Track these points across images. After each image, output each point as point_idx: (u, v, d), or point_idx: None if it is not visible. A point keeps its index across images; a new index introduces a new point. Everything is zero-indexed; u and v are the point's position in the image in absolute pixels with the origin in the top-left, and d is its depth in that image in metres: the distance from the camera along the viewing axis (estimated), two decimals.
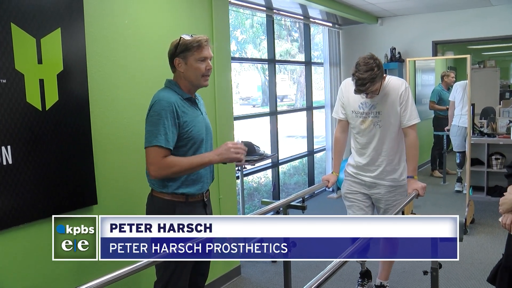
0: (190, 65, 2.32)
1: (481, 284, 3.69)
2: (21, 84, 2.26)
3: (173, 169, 2.25)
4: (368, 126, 3.06)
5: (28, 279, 2.38)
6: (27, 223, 2.34)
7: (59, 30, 2.43)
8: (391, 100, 2.99)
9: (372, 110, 3.03)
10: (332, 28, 6.72)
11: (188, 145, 2.34)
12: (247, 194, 7.39)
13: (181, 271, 2.39)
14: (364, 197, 3.24)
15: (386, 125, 3.03)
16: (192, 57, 2.31)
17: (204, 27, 3.51)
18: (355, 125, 3.14)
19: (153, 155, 2.23)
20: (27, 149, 2.31)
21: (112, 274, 1.71)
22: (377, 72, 2.83)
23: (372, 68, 2.82)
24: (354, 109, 3.10)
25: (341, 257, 1.81)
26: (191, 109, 2.37)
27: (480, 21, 6.35)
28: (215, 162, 2.33)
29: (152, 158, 2.23)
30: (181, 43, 2.31)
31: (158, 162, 2.23)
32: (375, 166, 3.11)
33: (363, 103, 3.05)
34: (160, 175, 2.26)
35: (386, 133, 3.04)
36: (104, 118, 2.74)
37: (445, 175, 6.48)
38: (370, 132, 3.07)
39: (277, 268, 4.14)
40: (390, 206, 3.13)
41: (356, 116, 3.10)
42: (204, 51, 2.33)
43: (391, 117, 3.01)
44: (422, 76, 6.76)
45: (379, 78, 2.86)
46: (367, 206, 3.26)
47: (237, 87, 9.46)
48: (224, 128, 3.75)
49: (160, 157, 2.22)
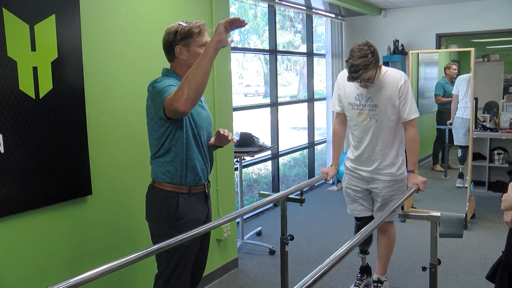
0: (194, 52, 2.25)
1: (480, 280, 3.66)
2: (13, 71, 2.21)
3: (190, 84, 2.03)
4: (365, 119, 3.01)
5: (21, 269, 2.35)
6: (19, 213, 2.31)
7: (53, 17, 2.37)
8: (388, 93, 2.94)
9: (369, 103, 2.97)
10: (335, 19, 6.65)
11: (186, 133, 2.27)
12: (247, 186, 7.37)
13: (184, 265, 2.35)
14: (365, 193, 3.21)
15: (382, 119, 2.98)
16: (194, 43, 2.25)
17: (204, 15, 3.45)
18: (351, 117, 3.09)
19: (169, 98, 2.09)
20: (19, 138, 2.26)
21: (108, 265, 1.68)
22: (371, 59, 2.77)
23: (366, 54, 2.76)
24: (350, 101, 3.05)
25: (340, 251, 1.77)
26: None
27: (484, 14, 6.28)
28: (214, 46, 2.05)
29: (168, 99, 2.08)
30: (181, 30, 2.25)
31: (172, 99, 2.06)
32: (371, 160, 3.07)
33: (359, 94, 3.00)
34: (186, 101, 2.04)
35: (382, 127, 2.99)
36: (99, 107, 2.70)
37: (447, 170, 6.44)
38: (367, 125, 3.01)
39: (275, 261, 4.12)
40: (388, 201, 3.09)
41: (352, 108, 3.05)
42: (205, 36, 2.29)
43: (388, 111, 2.96)
44: (425, 69, 6.69)
45: (373, 66, 2.80)
46: (367, 203, 3.23)
47: (240, 78, 9.41)
48: (223, 118, 3.71)
49: (170, 95, 2.09)
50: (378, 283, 3.38)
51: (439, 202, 5.60)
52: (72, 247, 2.59)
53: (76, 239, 2.61)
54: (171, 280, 2.34)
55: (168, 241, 1.93)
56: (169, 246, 1.93)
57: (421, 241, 4.54)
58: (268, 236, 4.82)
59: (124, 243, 2.89)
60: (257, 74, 10.25)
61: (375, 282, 3.39)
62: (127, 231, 2.91)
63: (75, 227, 2.61)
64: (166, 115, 2.15)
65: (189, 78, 2.04)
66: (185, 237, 1.99)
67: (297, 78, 10.66)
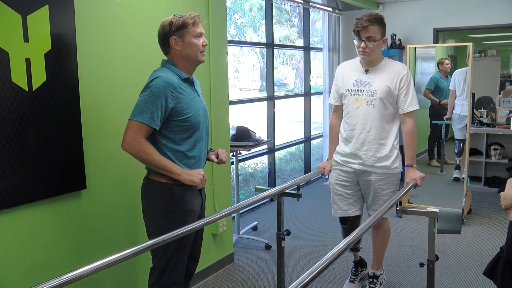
0: (188, 42, 2.30)
1: (476, 275, 3.66)
2: (5, 62, 2.16)
3: (143, 156, 2.22)
4: (361, 105, 2.97)
5: (14, 265, 2.32)
6: (12, 208, 2.27)
7: (46, 7, 2.32)
8: (389, 81, 2.92)
9: (367, 88, 2.95)
10: (332, 13, 6.61)
11: (184, 134, 2.32)
12: (243, 180, 7.35)
13: (179, 257, 2.37)
14: (355, 189, 3.15)
15: (379, 106, 2.94)
16: (189, 34, 2.30)
17: (200, 8, 3.41)
18: (347, 104, 3.05)
19: (133, 130, 2.20)
20: (12, 131, 2.22)
21: (103, 260, 1.67)
22: (378, 18, 2.89)
23: (374, 14, 2.91)
24: (348, 87, 3.03)
25: (336, 248, 1.75)
26: (188, 90, 2.34)
27: (482, 9, 6.27)
28: (180, 178, 2.28)
29: (131, 133, 2.20)
30: (176, 21, 2.28)
31: (134, 138, 2.19)
32: (363, 151, 3.01)
33: (357, 80, 2.99)
34: (129, 151, 2.23)
35: (377, 114, 2.94)
36: (94, 99, 2.66)
37: (443, 165, 6.43)
38: (362, 111, 2.97)
39: (270, 256, 4.10)
40: (379, 195, 3.05)
41: (349, 95, 3.02)
42: (199, 27, 2.34)
43: (385, 99, 2.92)
44: (422, 64, 6.68)
45: (379, 25, 2.88)
46: (355, 201, 3.16)
47: (235, 72, 9.37)
48: (220, 112, 3.67)
49: (139, 134, 2.19)
50: (373, 278, 3.36)
51: (436, 197, 5.60)
52: (66, 242, 2.56)
53: (70, 234, 2.58)
54: (165, 271, 2.36)
55: (163, 236, 1.91)
56: (165, 241, 1.91)
57: (417, 237, 4.53)
58: (264, 230, 4.80)
59: (119, 237, 2.86)
60: (253, 68, 10.21)
61: (370, 278, 3.38)
62: (122, 225, 2.88)
63: (69, 221, 2.57)
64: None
65: (146, 159, 2.23)
66: (181, 232, 1.98)
67: (293, 73, 10.63)
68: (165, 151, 2.29)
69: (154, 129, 2.22)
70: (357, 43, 2.92)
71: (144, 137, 2.21)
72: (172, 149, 2.30)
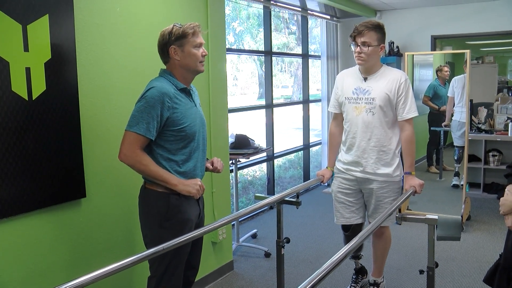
0: (188, 52, 2.30)
1: (476, 282, 3.65)
2: (5, 72, 2.16)
3: (140, 167, 2.24)
4: (360, 113, 2.99)
5: (13, 274, 2.31)
6: (11, 217, 2.26)
7: (46, 17, 2.34)
8: (388, 88, 2.93)
9: (366, 96, 2.97)
10: (330, 21, 6.64)
11: (180, 143, 2.32)
12: (242, 188, 7.34)
13: (176, 265, 2.37)
14: (357, 196, 3.16)
15: (379, 113, 2.95)
16: (189, 44, 2.30)
17: (199, 17, 3.43)
18: (347, 112, 3.07)
19: (129, 141, 2.21)
20: (12, 140, 2.22)
21: (102, 270, 1.66)
22: (376, 25, 2.90)
23: (373, 21, 2.92)
24: (347, 95, 3.04)
25: (336, 256, 1.76)
26: (185, 100, 2.34)
27: (479, 16, 6.30)
28: (177, 189, 2.29)
29: (127, 144, 2.21)
30: (176, 31, 2.28)
31: (131, 150, 2.21)
32: (364, 159, 3.02)
33: (357, 88, 3.00)
34: (126, 162, 2.24)
35: (377, 122, 2.96)
36: (94, 108, 2.66)
37: (442, 171, 6.44)
38: (362, 119, 2.98)
39: (270, 264, 4.09)
40: (381, 203, 3.06)
41: (349, 103, 3.04)
42: (199, 37, 2.34)
43: (384, 106, 2.94)
44: (420, 71, 6.70)
45: (376, 32, 2.89)
46: (357, 209, 3.17)
47: (234, 79, 9.38)
48: (218, 120, 3.68)
49: (135, 145, 2.21)
50: (374, 285, 3.36)
51: (435, 203, 5.60)
52: (65, 251, 2.55)
53: (69, 242, 2.57)
54: (162, 280, 2.35)
55: (163, 245, 1.91)
56: (164, 250, 1.91)
57: (417, 243, 4.53)
58: (264, 238, 4.79)
59: (118, 246, 2.85)
60: (252, 75, 10.23)
61: (371, 285, 3.38)
62: (122, 234, 2.87)
63: (69, 230, 2.57)
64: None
65: (143, 170, 2.25)
66: (180, 240, 1.98)
67: (292, 80, 10.65)
68: (161, 161, 2.29)
69: (150, 139, 2.23)
70: (353, 48, 2.95)
71: (141, 148, 2.22)
72: (167, 159, 2.30)
